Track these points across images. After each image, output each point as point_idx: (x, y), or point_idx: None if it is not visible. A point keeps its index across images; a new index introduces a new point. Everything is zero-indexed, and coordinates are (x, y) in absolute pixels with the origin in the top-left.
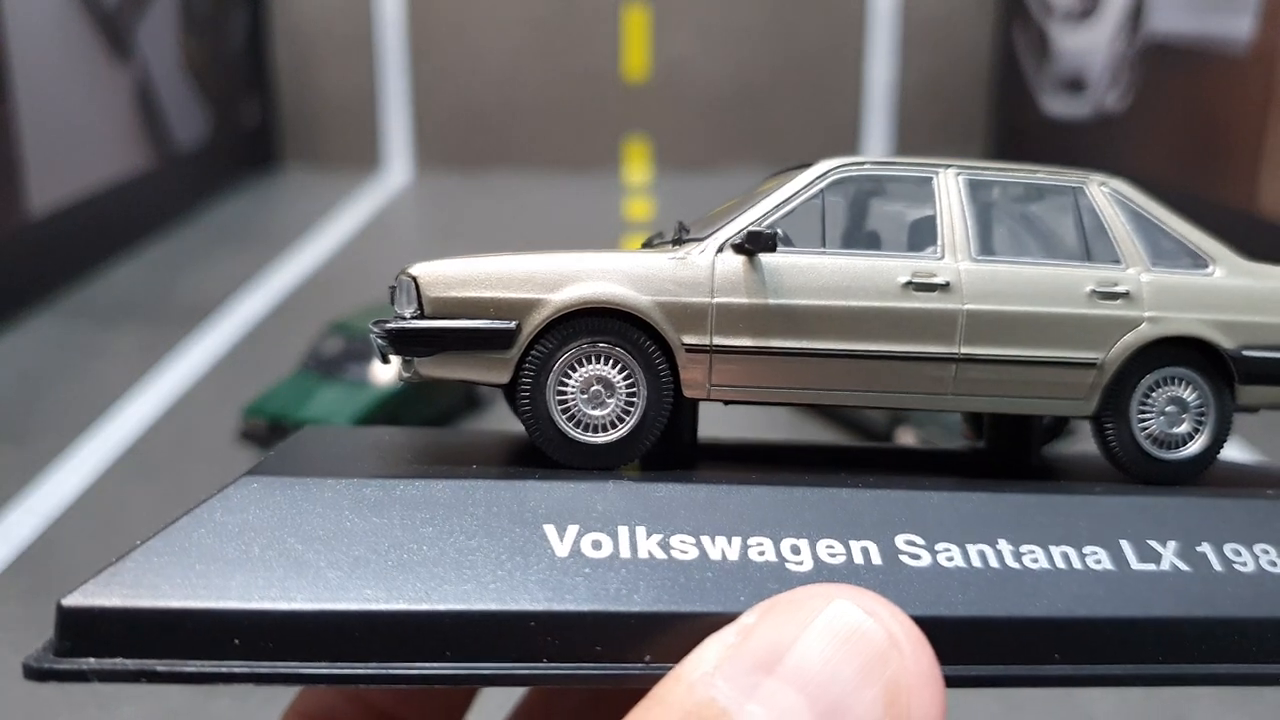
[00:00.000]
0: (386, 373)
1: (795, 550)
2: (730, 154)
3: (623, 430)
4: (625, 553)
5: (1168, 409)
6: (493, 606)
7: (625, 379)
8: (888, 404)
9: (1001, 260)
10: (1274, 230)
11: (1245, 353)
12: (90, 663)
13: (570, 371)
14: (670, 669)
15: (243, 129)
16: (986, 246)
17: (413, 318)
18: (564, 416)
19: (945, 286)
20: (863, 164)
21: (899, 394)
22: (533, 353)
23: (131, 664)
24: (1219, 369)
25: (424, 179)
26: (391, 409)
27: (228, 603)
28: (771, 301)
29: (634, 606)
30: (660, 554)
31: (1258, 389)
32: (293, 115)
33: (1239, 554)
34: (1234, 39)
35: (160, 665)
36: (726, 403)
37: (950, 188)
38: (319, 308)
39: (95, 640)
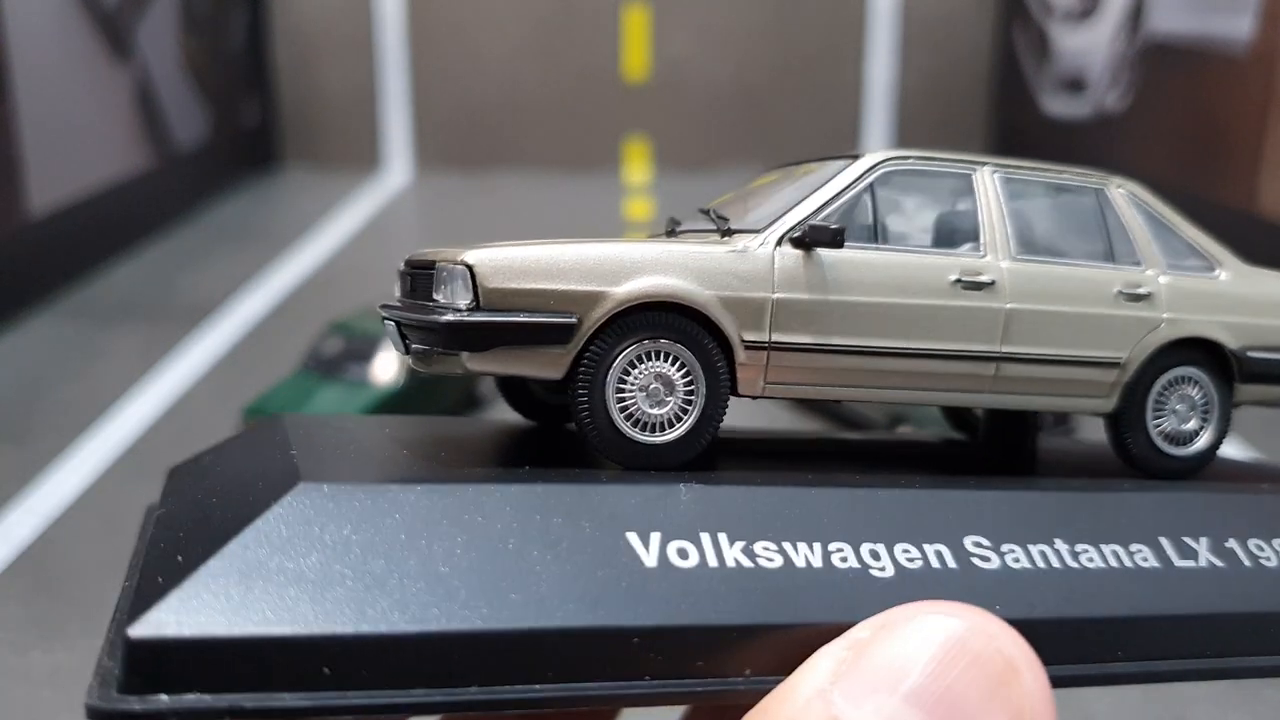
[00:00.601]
0: (386, 373)
1: (875, 555)
2: (730, 154)
3: (680, 430)
4: (713, 562)
5: (1178, 407)
6: (595, 623)
7: (683, 376)
8: (932, 401)
9: (1038, 259)
10: (1274, 230)
11: (1249, 354)
12: (164, 700)
13: (629, 368)
14: (773, 681)
15: (243, 129)
16: (1023, 245)
17: (468, 309)
18: (622, 414)
19: (991, 285)
20: (907, 158)
21: (943, 392)
22: (592, 348)
23: (214, 700)
24: (1223, 368)
25: (424, 179)
26: (392, 409)
27: (313, 627)
28: (831, 297)
29: (731, 619)
30: (747, 562)
31: (1255, 388)
32: (293, 115)
33: (1261, 549)
34: (1234, 39)
35: (248, 700)
36: (760, 398)
37: (989, 185)
38: (319, 308)
39: (168, 675)
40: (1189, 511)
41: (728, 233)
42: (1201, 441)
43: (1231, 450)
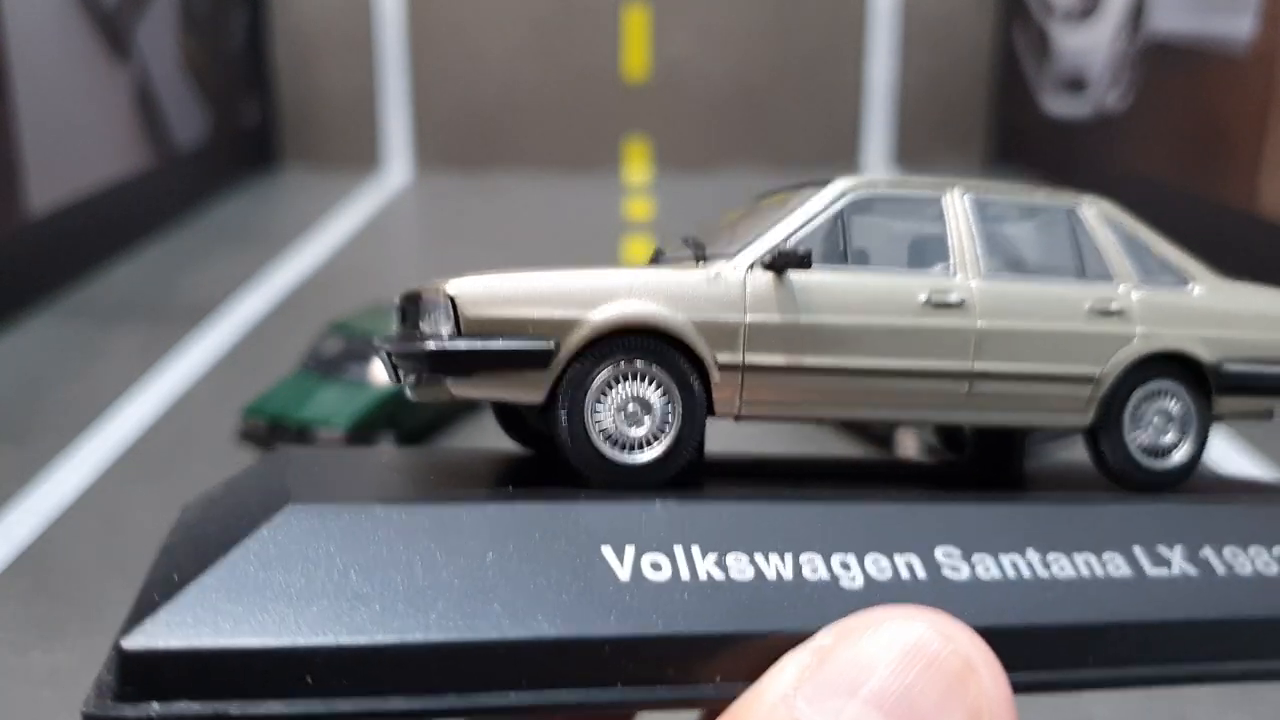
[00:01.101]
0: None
1: (845, 566)
2: (730, 154)
3: (658, 450)
4: (685, 574)
5: (1155, 420)
6: (568, 633)
7: (661, 397)
8: (906, 419)
9: (1008, 278)
10: (1274, 230)
11: (1225, 367)
12: (155, 708)
13: (606, 390)
14: (741, 687)
15: (243, 129)
16: (993, 264)
17: (450, 338)
18: (601, 436)
19: (960, 304)
20: (876, 183)
21: (917, 409)
22: (569, 371)
23: (202, 707)
24: (1199, 382)
25: (424, 179)
26: (391, 410)
27: (297, 639)
28: (802, 319)
29: (702, 628)
30: (719, 574)
31: (1232, 400)
32: (293, 115)
33: (1236, 556)
34: (1234, 39)
35: (233, 708)
36: (737, 418)
37: (958, 207)
38: (319, 308)
39: (159, 684)
40: (1163, 521)
41: (702, 259)
42: (1180, 454)
43: (1236, 451)
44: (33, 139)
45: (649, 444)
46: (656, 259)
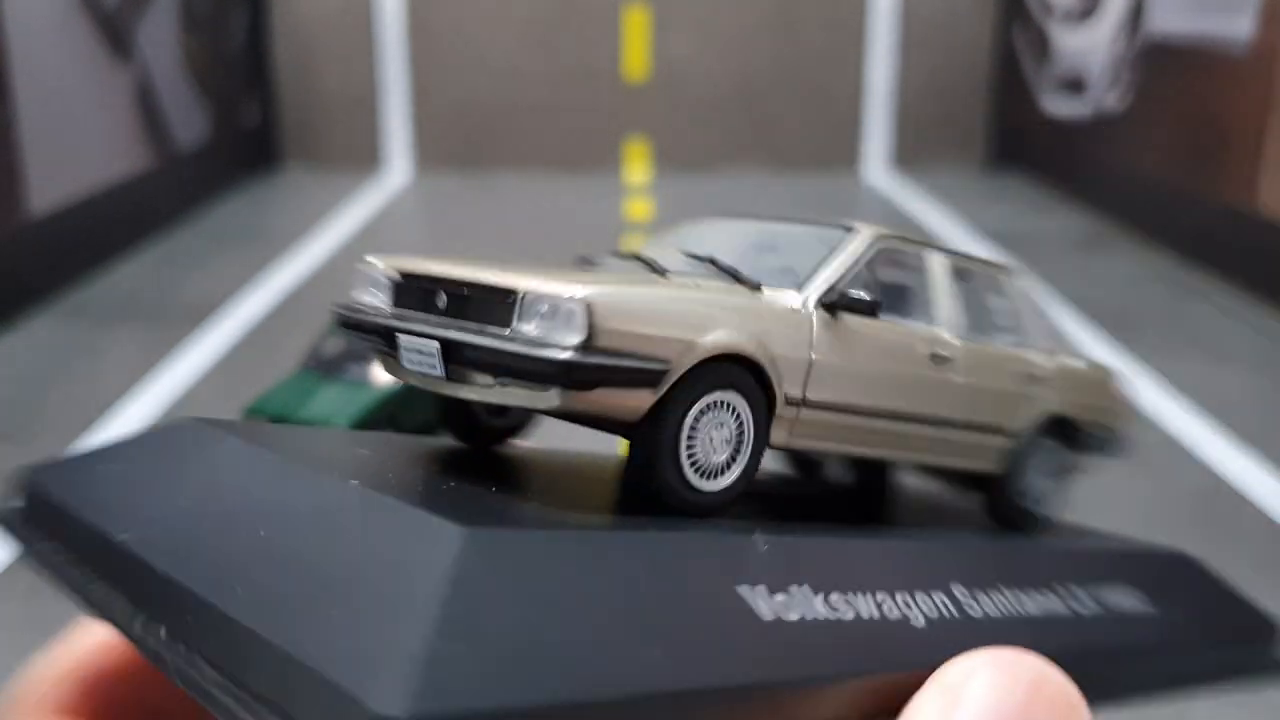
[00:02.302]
0: (386, 373)
1: (908, 604)
2: (730, 154)
3: (730, 477)
4: (808, 614)
5: (1042, 472)
6: (725, 682)
7: (737, 425)
8: (906, 460)
9: (978, 339)
10: (1274, 229)
11: (1087, 429)
12: None
13: (700, 415)
14: None
15: (243, 129)
16: (965, 324)
17: (581, 348)
18: (688, 460)
19: (950, 360)
20: (892, 238)
21: (914, 452)
22: (674, 393)
23: None
24: (1069, 440)
25: (424, 179)
26: (392, 409)
27: (543, 696)
28: (851, 361)
29: (830, 669)
30: (829, 613)
31: (1087, 457)
32: (293, 115)
33: (1099, 592)
34: (1234, 39)
35: None
36: (783, 449)
37: (940, 267)
38: (319, 308)
39: None
40: (1039, 561)
41: (757, 287)
42: (1053, 502)
43: (1231, 447)
44: (33, 139)
45: (723, 471)
46: (582, 265)
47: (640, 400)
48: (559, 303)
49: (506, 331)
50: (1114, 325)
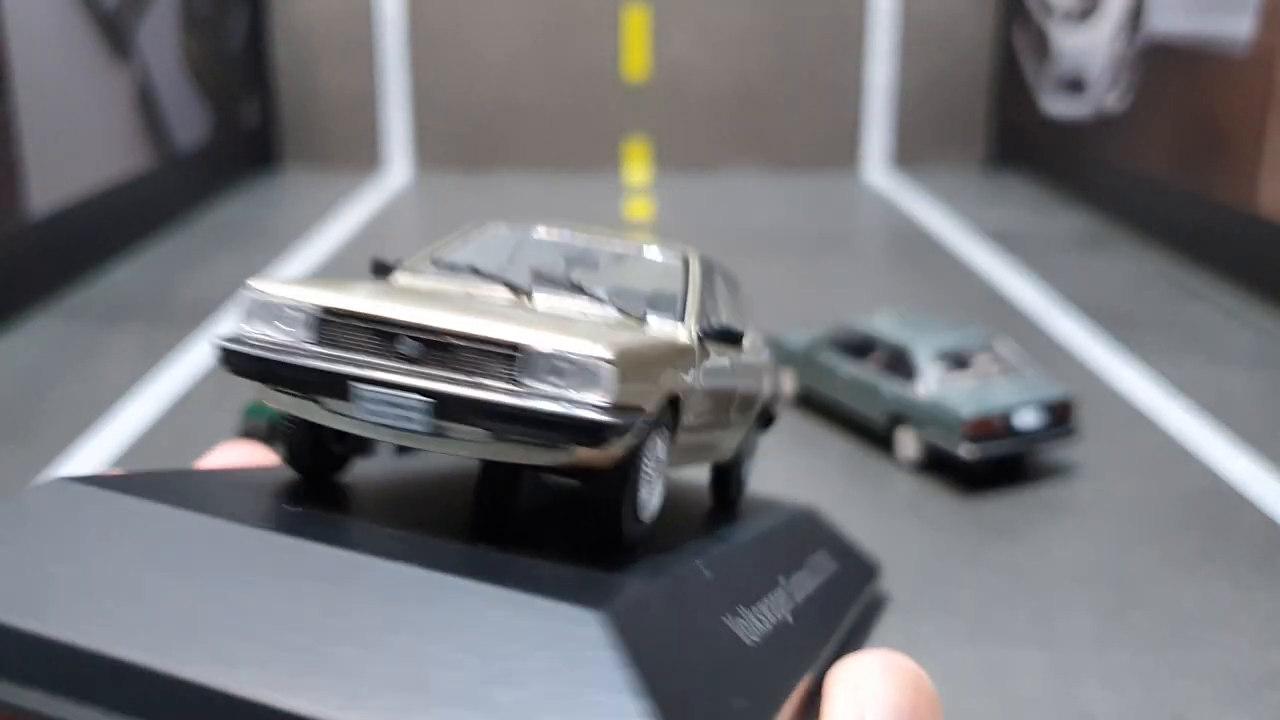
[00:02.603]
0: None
1: (779, 605)
2: (730, 154)
3: (655, 506)
4: (754, 633)
5: (747, 450)
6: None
7: (663, 457)
8: (712, 460)
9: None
10: (1274, 230)
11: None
12: None
13: (648, 453)
14: None
15: (243, 129)
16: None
17: (608, 407)
18: (644, 496)
19: (741, 365)
20: (697, 254)
21: (718, 454)
22: (640, 435)
23: None
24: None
25: (424, 179)
26: None
27: None
28: (705, 385)
29: (795, 680)
30: (761, 628)
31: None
32: (293, 115)
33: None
34: (1234, 39)
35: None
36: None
37: (708, 273)
38: None
39: None
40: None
41: (643, 318)
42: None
43: (1222, 436)
44: (33, 139)
45: (650, 501)
46: (381, 271)
47: (620, 448)
48: (584, 362)
49: (510, 385)
50: (1114, 325)
